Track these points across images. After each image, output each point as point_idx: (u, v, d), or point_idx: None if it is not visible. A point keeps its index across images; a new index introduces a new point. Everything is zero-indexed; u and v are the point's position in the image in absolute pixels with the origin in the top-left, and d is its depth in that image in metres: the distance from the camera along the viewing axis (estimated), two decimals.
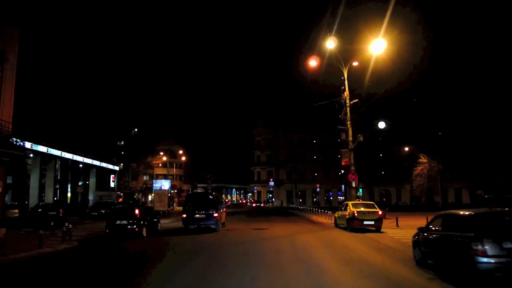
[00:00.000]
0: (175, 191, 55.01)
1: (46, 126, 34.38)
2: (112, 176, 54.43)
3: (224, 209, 24.48)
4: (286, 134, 71.12)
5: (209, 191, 29.12)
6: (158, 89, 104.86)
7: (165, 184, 54.64)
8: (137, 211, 17.21)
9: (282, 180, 73.07)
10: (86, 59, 45.71)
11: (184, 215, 18.89)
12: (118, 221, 16.74)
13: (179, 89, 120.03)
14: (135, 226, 16.58)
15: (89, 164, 45.60)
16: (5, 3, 17.84)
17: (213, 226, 18.86)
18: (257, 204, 66.56)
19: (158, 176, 79.68)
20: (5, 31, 17.44)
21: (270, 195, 64.03)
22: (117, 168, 55.98)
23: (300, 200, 69.96)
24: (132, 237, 16.39)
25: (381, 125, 33.24)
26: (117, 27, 66.56)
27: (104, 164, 50.27)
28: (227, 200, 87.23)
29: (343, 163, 19.93)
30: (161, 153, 63.49)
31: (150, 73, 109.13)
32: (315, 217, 30.70)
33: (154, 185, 53.73)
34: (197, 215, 18.53)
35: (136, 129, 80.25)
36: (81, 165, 44.19)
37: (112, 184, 54.04)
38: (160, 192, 27.99)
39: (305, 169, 72.29)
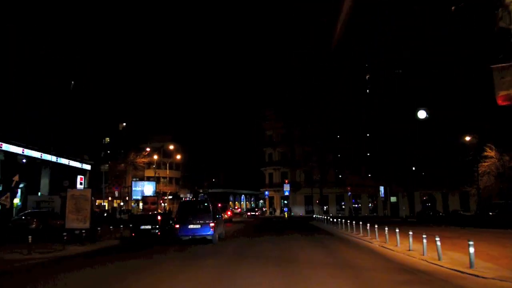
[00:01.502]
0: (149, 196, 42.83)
1: None
2: (80, 177, 42.96)
3: (224, 217, 24.26)
4: (302, 126, 58.61)
5: (205, 197, 29.67)
6: (152, 79, 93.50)
7: (148, 188, 42.97)
8: (159, 217, 19.99)
9: (299, 183, 60.55)
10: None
11: (177, 225, 17.75)
12: (143, 226, 19.23)
13: (177, 80, 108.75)
14: (157, 231, 18.95)
15: (38, 159, 34.13)
16: None
17: (209, 237, 17.57)
18: (251, 213, 54.74)
19: (149, 179, 68.21)
20: None
21: (285, 201, 51.60)
22: (87, 167, 44.53)
23: (325, 207, 57.22)
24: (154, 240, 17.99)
25: (421, 114, 20.92)
26: (111, 12, 57.07)
27: (64, 161, 38.77)
28: (237, 208, 75.47)
29: (499, 101, 7.26)
30: (148, 149, 51.78)
31: (144, 61, 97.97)
32: (376, 243, 16.81)
33: (133, 189, 42.07)
34: (191, 225, 17.57)
35: (124, 124, 69.48)
36: (24, 160, 32.74)
37: (80, 187, 42.53)
38: (78, 194, 15.87)
39: (327, 170, 59.66)
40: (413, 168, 54.81)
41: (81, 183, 43.34)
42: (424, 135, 46.32)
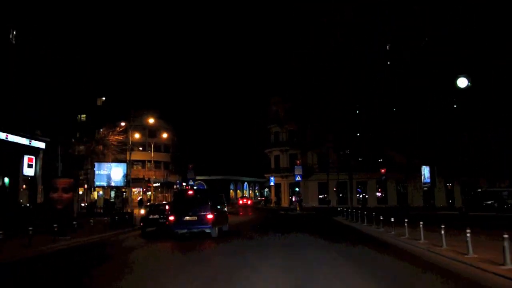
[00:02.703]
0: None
1: None
2: (28, 157, 33.37)
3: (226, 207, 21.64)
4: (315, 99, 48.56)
5: (191, 183, 30.19)
6: (140, 48, 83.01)
7: (116, 171, 33.38)
8: (167, 207, 20.09)
9: (312, 167, 50.64)
10: None
11: (172, 218, 16.55)
12: (151, 216, 19.99)
13: (169, 50, 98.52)
14: (165, 220, 18.60)
15: None
16: None
17: (207, 231, 16.29)
18: (243, 202, 47.25)
19: (133, 164, 58.63)
20: None
21: (297, 189, 41.74)
22: (40, 145, 34.84)
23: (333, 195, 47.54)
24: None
25: (461, 82, 16.48)
26: None
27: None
28: (246, 200, 66.12)
29: None
30: (123, 124, 42.17)
31: (134, 31, 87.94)
32: None
33: (96, 173, 32.52)
34: (187, 218, 16.32)
35: (104, 98, 59.87)
36: None
37: (28, 172, 33.08)
38: None
39: (343, 152, 49.78)
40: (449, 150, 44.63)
41: (30, 165, 33.80)
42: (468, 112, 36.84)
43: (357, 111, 48.88)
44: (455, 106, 38.34)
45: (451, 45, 29.04)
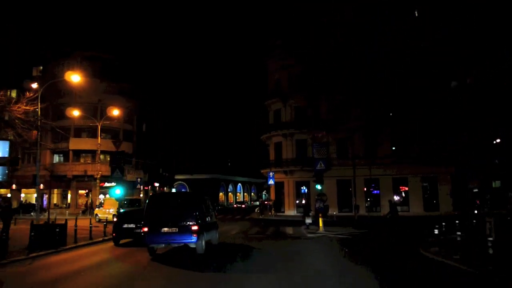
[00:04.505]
0: None
1: None
2: None
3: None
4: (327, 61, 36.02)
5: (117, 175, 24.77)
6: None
7: None
8: None
9: (329, 159, 35.78)
10: None
11: (146, 229, 13.09)
12: (126, 225, 17.00)
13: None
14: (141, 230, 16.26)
15: None
16: None
17: (192, 245, 13.16)
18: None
19: (80, 155, 43.91)
20: None
21: (319, 187, 26.44)
22: None
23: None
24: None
25: None
26: None
27: None
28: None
29: None
30: (34, 86, 27.80)
31: None
32: None
33: None
34: (166, 229, 13.02)
35: (41, 68, 45.47)
36: None
37: None
38: None
39: (374, 137, 36.04)
40: None
41: None
42: None
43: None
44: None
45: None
